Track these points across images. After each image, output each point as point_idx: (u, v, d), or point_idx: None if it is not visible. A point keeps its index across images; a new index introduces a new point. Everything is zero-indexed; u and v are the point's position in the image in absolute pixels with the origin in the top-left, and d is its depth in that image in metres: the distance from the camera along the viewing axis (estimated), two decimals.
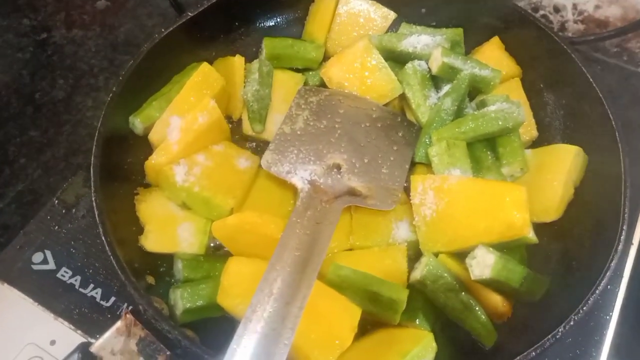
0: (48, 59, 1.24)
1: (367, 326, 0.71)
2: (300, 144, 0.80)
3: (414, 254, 0.76)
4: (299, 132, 0.82)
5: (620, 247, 0.69)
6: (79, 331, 0.76)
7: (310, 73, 0.93)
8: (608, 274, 0.67)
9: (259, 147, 0.88)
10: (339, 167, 0.78)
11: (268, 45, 0.91)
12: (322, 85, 0.91)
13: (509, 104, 0.78)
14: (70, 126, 1.12)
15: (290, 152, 0.79)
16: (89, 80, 1.19)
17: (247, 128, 0.87)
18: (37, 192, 1.01)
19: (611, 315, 0.78)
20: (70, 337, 0.75)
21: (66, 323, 0.77)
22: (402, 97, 0.90)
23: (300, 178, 0.76)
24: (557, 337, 0.60)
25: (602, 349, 0.76)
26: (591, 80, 0.78)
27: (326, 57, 0.95)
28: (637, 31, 1.10)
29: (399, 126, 0.85)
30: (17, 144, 1.08)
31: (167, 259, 0.77)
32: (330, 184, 0.76)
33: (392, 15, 0.96)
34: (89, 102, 1.16)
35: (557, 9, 1.19)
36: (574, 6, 1.16)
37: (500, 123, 0.77)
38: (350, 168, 0.78)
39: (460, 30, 0.92)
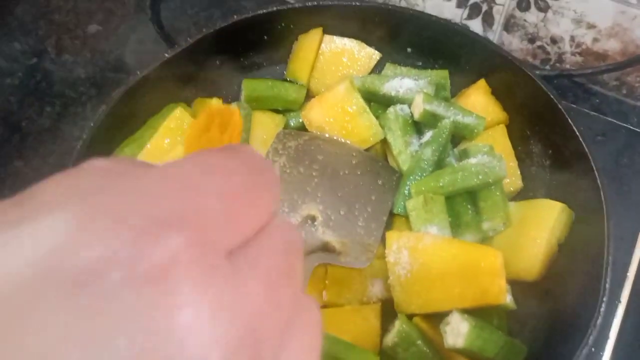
0: (37, 85, 1.23)
1: None
2: None
3: (390, 312, 0.73)
4: None
5: (601, 309, 0.66)
6: None
7: (291, 114, 0.91)
8: (592, 337, 0.64)
9: None
10: (313, 219, 0.76)
11: (247, 87, 0.89)
12: (303, 127, 0.89)
13: (491, 157, 0.75)
14: (56, 157, 1.11)
15: None
16: (76, 108, 1.18)
17: None
18: None
19: None
20: None
21: None
22: (384, 142, 0.87)
23: None
24: None
25: None
26: (577, 133, 0.75)
27: (310, 96, 0.93)
28: (636, 66, 1.08)
29: (379, 173, 0.83)
30: (1, 176, 1.07)
31: None
32: (303, 238, 0.73)
33: (376, 55, 0.94)
34: (75, 132, 1.15)
35: (554, 40, 1.16)
36: (572, 38, 1.13)
37: (480, 177, 0.74)
38: (326, 221, 0.76)
39: (445, 72, 0.89)
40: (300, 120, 0.89)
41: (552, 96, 0.79)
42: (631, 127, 1.03)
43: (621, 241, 0.85)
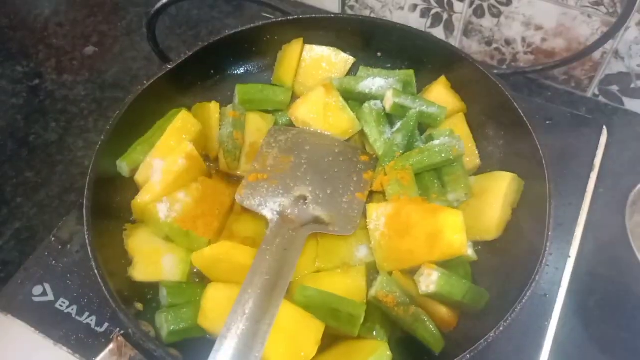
0: (40, 104, 1.33)
1: (330, 340, 0.80)
2: (270, 179, 0.90)
3: (373, 273, 0.86)
4: (269, 168, 0.92)
5: (544, 260, 0.77)
6: (76, 355, 0.85)
7: (279, 114, 1.04)
8: (534, 284, 0.75)
9: (234, 181, 0.98)
10: (305, 198, 0.89)
11: (240, 91, 1.02)
12: (290, 124, 1.02)
13: (451, 138, 0.89)
14: (63, 166, 1.21)
15: (261, 187, 0.89)
16: (79, 122, 1.29)
17: (223, 165, 0.97)
18: (33, 229, 1.09)
19: (549, 322, 0.88)
20: None
21: (65, 348, 0.85)
22: (362, 133, 1.00)
23: (270, 210, 0.86)
24: (489, 341, 0.69)
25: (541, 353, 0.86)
26: (521, 113, 0.89)
27: (295, 98, 1.06)
28: (580, 60, 1.20)
29: (359, 159, 0.96)
30: (14, 185, 1.17)
31: (154, 287, 0.86)
32: (297, 214, 0.86)
33: (351, 59, 1.08)
34: (80, 143, 1.25)
35: (508, 42, 1.28)
36: (523, 39, 1.25)
37: (443, 155, 0.88)
38: (315, 199, 0.88)
39: (411, 72, 1.03)
40: (288, 119, 1.02)
41: (500, 85, 0.93)
42: (576, 112, 1.17)
43: (569, 206, 0.99)
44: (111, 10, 1.53)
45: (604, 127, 1.11)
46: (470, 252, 0.80)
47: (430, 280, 0.77)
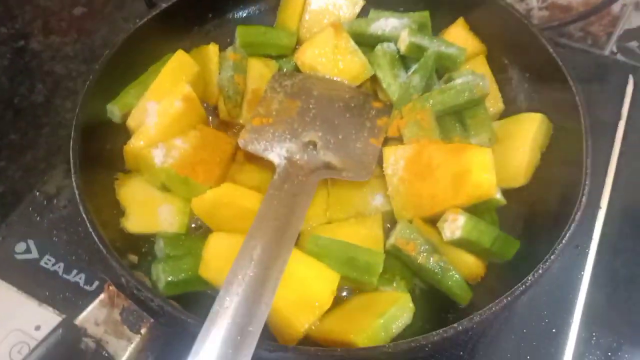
0: (26, 65, 1.26)
1: (347, 293, 0.73)
2: (275, 123, 0.83)
3: (390, 224, 0.78)
4: (274, 113, 0.84)
5: (580, 209, 0.70)
6: (63, 315, 0.77)
7: (284, 60, 0.96)
8: (568, 234, 0.68)
9: (235, 131, 0.90)
10: (314, 144, 0.81)
11: (241, 33, 0.94)
12: (296, 71, 0.94)
13: (474, 76, 0.81)
14: (50, 128, 1.13)
15: (267, 131, 0.81)
16: (67, 83, 1.21)
17: (223, 113, 0.90)
18: (18, 192, 1.02)
19: (583, 274, 0.81)
20: (55, 321, 0.76)
21: (50, 309, 0.78)
22: (374, 80, 0.93)
23: (277, 154, 0.78)
24: (527, 285, 0.62)
25: (575, 308, 0.79)
26: (551, 51, 0.82)
27: (299, 45, 0.98)
28: (598, 14, 1.14)
29: (371, 104, 0.88)
30: None
31: (148, 240, 0.78)
32: (306, 160, 0.78)
33: (360, 2, 1.00)
34: (67, 104, 1.18)
35: None
36: None
37: (466, 95, 0.80)
38: (325, 144, 0.80)
39: (426, 13, 0.95)
40: (293, 65, 0.95)
41: (526, 23, 0.85)
42: (601, 61, 1.10)
43: (598, 155, 0.92)
44: None
45: (631, 75, 1.04)
46: (499, 195, 0.73)
47: (455, 226, 0.70)
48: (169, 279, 0.70)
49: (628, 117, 1.00)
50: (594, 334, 0.81)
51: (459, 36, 0.93)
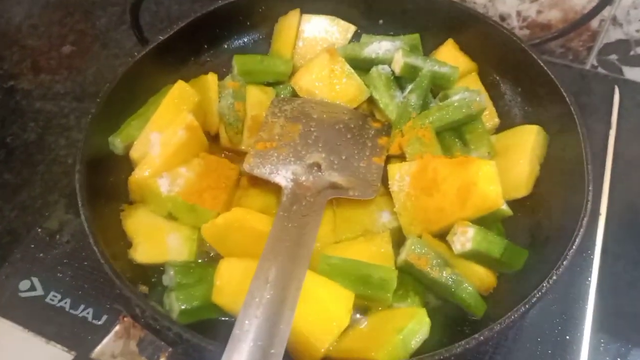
0: (17, 104, 1.25)
1: (360, 313, 0.73)
2: (279, 147, 0.83)
3: (399, 240, 0.79)
4: (276, 137, 0.85)
5: (587, 215, 0.72)
6: (72, 352, 0.75)
7: (280, 86, 0.97)
8: (578, 239, 0.70)
9: (238, 158, 0.90)
10: (318, 165, 0.82)
11: (239, 61, 0.95)
12: (294, 96, 0.96)
13: (470, 93, 0.84)
14: (45, 165, 1.13)
15: (271, 155, 0.82)
16: (59, 120, 1.21)
17: (225, 140, 0.90)
18: (15, 231, 1.01)
19: (590, 280, 0.82)
20: (65, 358, 0.74)
21: (59, 346, 0.76)
22: (370, 101, 0.94)
23: (283, 177, 0.79)
24: (533, 301, 0.63)
25: (586, 314, 0.80)
26: (541, 63, 0.84)
27: (294, 73, 1.00)
28: (577, 30, 1.18)
29: (370, 125, 0.90)
30: None
31: (158, 270, 0.77)
32: (312, 181, 0.79)
33: (352, 28, 1.02)
34: (61, 141, 1.18)
35: (502, 18, 1.24)
36: (518, 13, 1.22)
37: (464, 110, 0.82)
38: (329, 165, 0.81)
39: (416, 36, 0.98)
40: (290, 90, 0.96)
41: (512, 36, 0.88)
42: (585, 74, 1.12)
43: (593, 163, 0.94)
44: (88, 9, 1.47)
45: (616, 86, 1.08)
46: (505, 206, 0.74)
47: (465, 238, 0.71)
48: (183, 307, 0.69)
49: (617, 125, 1.03)
50: (602, 340, 0.82)
51: (450, 56, 0.95)
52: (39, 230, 0.89)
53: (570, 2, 1.15)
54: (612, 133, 0.99)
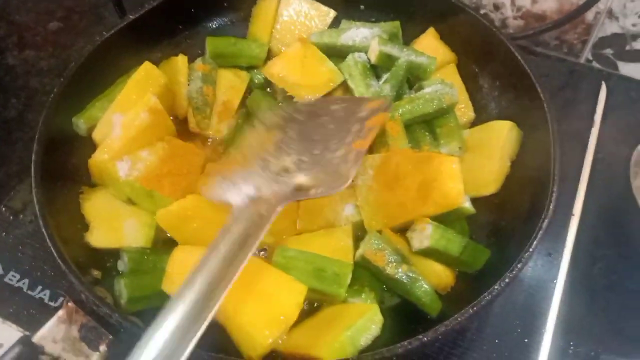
0: (0, 80, 1.24)
1: (316, 307, 0.72)
2: (244, 161, 0.78)
3: (362, 234, 0.77)
4: (245, 151, 0.79)
5: (547, 217, 0.69)
6: (27, 332, 0.75)
7: (255, 71, 0.95)
8: (535, 242, 0.68)
9: (206, 143, 0.89)
10: (286, 169, 0.77)
11: (211, 44, 0.93)
12: (267, 82, 0.93)
13: (443, 85, 0.81)
14: (23, 143, 1.12)
15: (232, 171, 0.74)
16: (41, 98, 1.20)
17: (192, 125, 0.89)
18: None
19: (556, 282, 0.80)
20: (15, 338, 0.74)
21: (14, 326, 0.76)
22: (347, 90, 0.92)
23: (238, 194, 0.70)
24: (493, 294, 0.61)
25: (548, 317, 0.78)
26: (519, 58, 0.82)
27: (271, 57, 0.97)
28: (572, 22, 1.15)
29: (366, 107, 0.81)
30: None
31: (114, 255, 0.77)
32: (274, 190, 0.72)
33: (332, 13, 1.00)
34: (41, 119, 1.17)
35: (496, 7, 1.22)
36: (512, 2, 1.19)
37: (435, 104, 0.80)
38: (297, 166, 0.75)
39: (397, 23, 0.96)
40: (263, 77, 0.94)
41: (495, 31, 0.86)
42: (573, 68, 1.11)
43: (571, 163, 0.93)
44: None
45: (603, 82, 1.05)
46: (467, 204, 0.72)
47: (424, 235, 0.69)
48: (132, 294, 0.68)
49: (601, 124, 1.00)
50: (571, 343, 0.80)
51: (430, 45, 0.93)
52: (3, 208, 0.89)
53: None
54: (594, 132, 0.96)
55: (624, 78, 1.16)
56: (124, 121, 0.79)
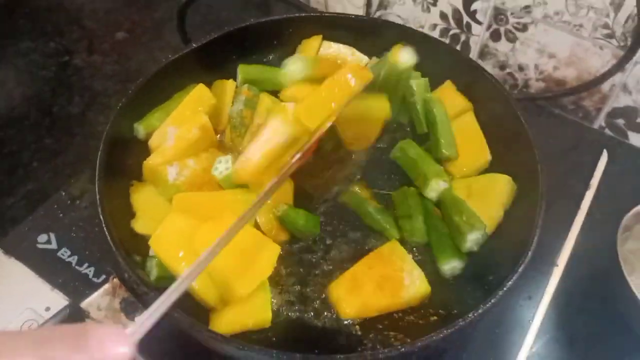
0: (68, 79, 1.38)
1: None
2: None
3: None
4: None
5: (525, 262, 0.76)
6: (70, 301, 0.88)
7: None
8: (509, 283, 0.74)
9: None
10: None
11: (242, 70, 1.07)
12: None
13: None
14: (81, 137, 1.26)
15: None
16: (102, 99, 1.34)
17: (227, 139, 1.01)
18: (45, 191, 1.13)
19: (531, 322, 0.89)
20: (63, 304, 0.86)
21: (61, 294, 0.89)
22: None
23: None
24: (467, 321, 0.69)
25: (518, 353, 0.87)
26: (523, 120, 0.92)
27: None
28: (589, 91, 1.23)
29: None
30: (32, 150, 1.22)
31: None
32: None
33: (365, 59, 1.12)
34: (100, 118, 1.30)
35: (521, 68, 1.31)
36: (536, 66, 1.28)
37: None
38: None
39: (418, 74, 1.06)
40: None
41: (499, 88, 0.96)
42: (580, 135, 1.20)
43: (562, 219, 1.01)
44: (145, 4, 1.59)
45: (605, 150, 1.14)
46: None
47: None
48: (160, 274, 0.80)
49: (600, 188, 1.08)
50: None
51: (448, 95, 1.04)
52: (63, 193, 1.02)
53: (586, 63, 1.21)
54: (589, 195, 1.05)
55: (632, 147, 1.24)
56: (177, 134, 0.92)
